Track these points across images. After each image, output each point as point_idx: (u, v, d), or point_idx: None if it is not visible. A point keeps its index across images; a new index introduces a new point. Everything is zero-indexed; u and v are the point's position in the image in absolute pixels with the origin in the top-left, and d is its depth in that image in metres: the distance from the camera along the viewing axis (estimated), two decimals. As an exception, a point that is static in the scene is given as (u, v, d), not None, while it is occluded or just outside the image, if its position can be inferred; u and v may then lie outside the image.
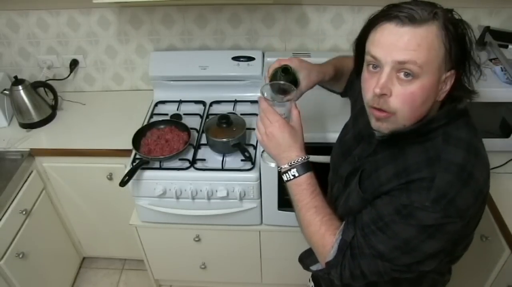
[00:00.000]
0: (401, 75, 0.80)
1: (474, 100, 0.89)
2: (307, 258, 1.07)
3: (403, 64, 0.79)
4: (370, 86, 0.84)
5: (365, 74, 0.87)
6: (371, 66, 0.84)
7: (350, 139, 1.08)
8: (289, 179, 0.97)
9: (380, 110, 0.84)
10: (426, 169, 0.83)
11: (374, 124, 0.88)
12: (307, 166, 0.97)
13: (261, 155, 1.16)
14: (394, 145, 0.91)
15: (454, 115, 0.87)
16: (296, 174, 0.96)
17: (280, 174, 0.99)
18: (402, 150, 0.89)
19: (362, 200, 0.94)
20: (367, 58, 0.85)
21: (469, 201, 0.82)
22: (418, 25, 0.78)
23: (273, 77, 1.08)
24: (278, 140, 0.97)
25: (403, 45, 0.78)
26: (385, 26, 0.80)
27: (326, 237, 0.93)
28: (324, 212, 0.95)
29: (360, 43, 0.89)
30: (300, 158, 0.96)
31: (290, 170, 0.96)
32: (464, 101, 0.88)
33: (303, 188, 0.96)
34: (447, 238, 0.84)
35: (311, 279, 1.42)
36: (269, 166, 1.12)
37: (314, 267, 1.02)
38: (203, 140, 1.78)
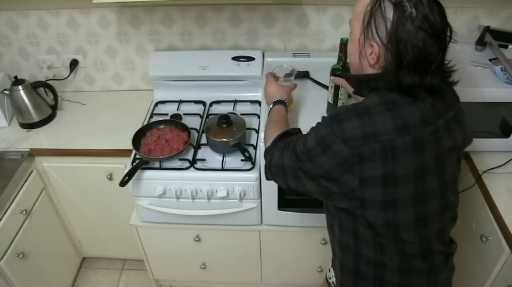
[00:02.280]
0: None
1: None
2: None
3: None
4: None
5: None
6: None
7: None
8: (270, 108, 1.39)
9: None
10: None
11: None
12: (280, 102, 1.38)
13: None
14: None
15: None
16: (272, 106, 1.39)
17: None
18: None
19: None
20: None
21: (355, 131, 0.93)
22: None
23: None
24: (267, 90, 1.45)
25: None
26: None
27: (273, 134, 1.20)
28: (279, 125, 1.26)
29: None
30: (277, 98, 1.39)
31: (269, 105, 1.41)
32: (381, 82, 0.98)
33: (272, 112, 1.36)
34: (336, 160, 0.95)
35: (331, 269, 1.46)
36: None
37: None
38: (203, 140, 1.78)
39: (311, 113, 1.63)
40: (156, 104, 2.00)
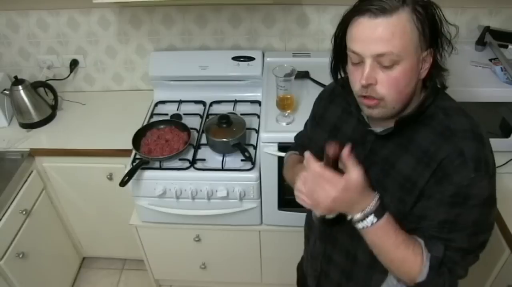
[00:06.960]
0: (382, 63, 0.86)
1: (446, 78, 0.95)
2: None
3: (382, 55, 0.84)
4: (356, 78, 0.89)
5: (350, 67, 0.92)
6: (354, 59, 0.90)
7: None
8: (366, 226, 0.90)
9: (369, 98, 0.90)
10: (445, 145, 0.88)
11: (366, 111, 0.94)
12: (381, 206, 0.90)
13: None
14: (397, 138, 0.95)
15: (436, 90, 0.94)
16: (375, 220, 0.89)
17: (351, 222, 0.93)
18: (408, 139, 0.94)
19: (398, 201, 0.94)
20: (349, 53, 0.90)
21: (491, 156, 0.90)
22: (390, 14, 0.82)
23: None
24: (347, 202, 0.90)
25: (378, 37, 0.83)
26: (359, 21, 0.85)
27: (418, 260, 0.91)
28: (410, 242, 0.92)
29: (339, 39, 0.94)
30: (373, 202, 0.89)
31: (366, 218, 0.89)
32: (441, 77, 0.93)
33: (386, 229, 0.90)
34: (495, 197, 0.92)
35: None
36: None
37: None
38: (203, 140, 1.78)
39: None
40: (156, 104, 2.00)
